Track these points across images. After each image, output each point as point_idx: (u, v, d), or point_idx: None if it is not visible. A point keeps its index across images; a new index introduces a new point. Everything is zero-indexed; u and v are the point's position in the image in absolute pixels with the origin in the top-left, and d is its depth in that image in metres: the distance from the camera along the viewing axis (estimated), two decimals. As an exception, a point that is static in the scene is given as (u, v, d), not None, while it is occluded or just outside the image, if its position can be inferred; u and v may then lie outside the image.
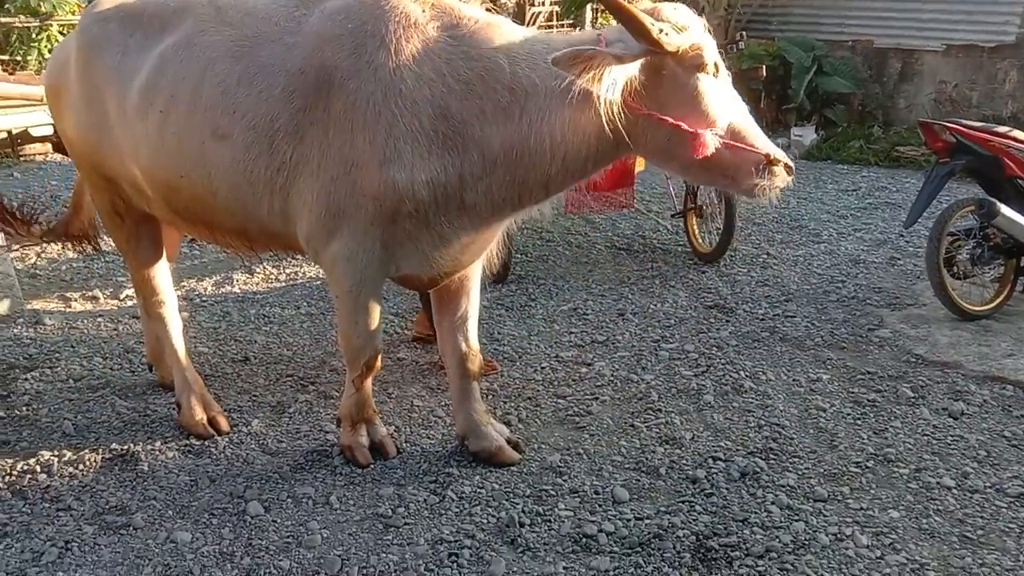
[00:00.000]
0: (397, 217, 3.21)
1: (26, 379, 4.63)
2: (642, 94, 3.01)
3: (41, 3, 11.01)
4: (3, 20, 10.38)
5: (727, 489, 3.55)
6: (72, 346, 5.01)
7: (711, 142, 3.06)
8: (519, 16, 15.57)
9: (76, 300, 5.82)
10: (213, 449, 3.86)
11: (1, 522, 3.36)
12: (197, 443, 3.91)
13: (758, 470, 3.67)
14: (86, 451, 3.85)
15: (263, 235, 3.59)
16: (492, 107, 3.12)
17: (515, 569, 3.09)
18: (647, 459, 3.77)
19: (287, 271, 6.35)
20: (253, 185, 3.34)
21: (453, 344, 3.76)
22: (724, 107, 3.10)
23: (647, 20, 2.85)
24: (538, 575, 3.06)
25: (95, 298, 5.82)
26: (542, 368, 4.70)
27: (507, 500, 3.47)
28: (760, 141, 3.14)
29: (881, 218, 7.64)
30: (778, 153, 3.14)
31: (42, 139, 6.94)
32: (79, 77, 3.68)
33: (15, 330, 5.31)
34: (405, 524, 3.34)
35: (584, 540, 3.23)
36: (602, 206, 6.56)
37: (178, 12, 3.53)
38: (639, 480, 3.63)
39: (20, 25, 10.66)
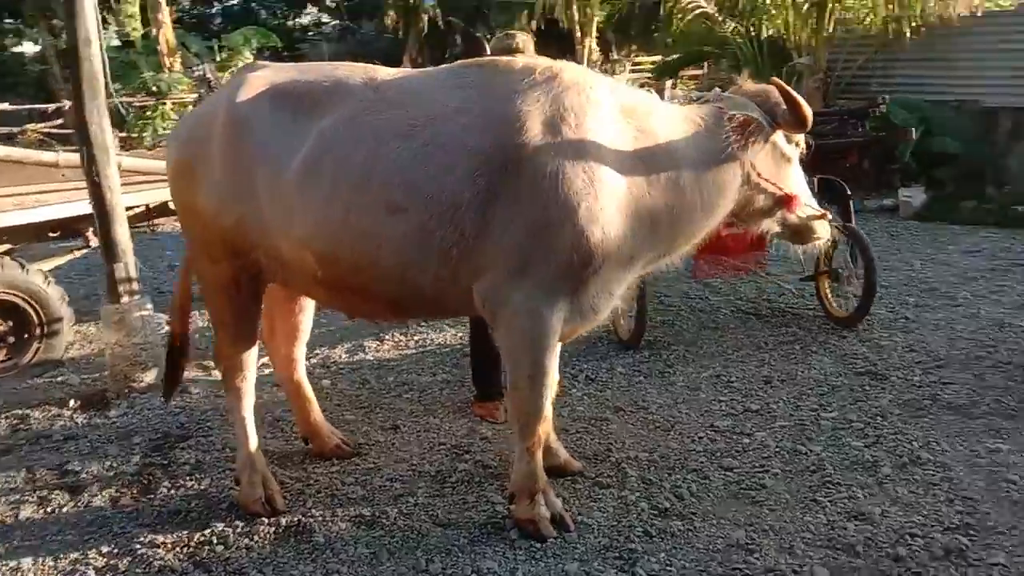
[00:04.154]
0: (583, 273, 3.34)
1: (183, 448, 4.66)
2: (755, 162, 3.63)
3: (157, 84, 11.56)
4: (125, 99, 10.87)
5: (934, 568, 3.33)
6: (221, 415, 5.04)
7: (805, 201, 3.84)
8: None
9: (216, 369, 5.85)
10: (384, 520, 3.79)
11: (188, 596, 3.34)
12: (368, 513, 3.84)
13: (963, 547, 3.43)
14: (258, 522, 3.82)
15: (416, 303, 3.63)
16: (656, 174, 3.45)
17: (728, 654, 2.92)
18: (839, 536, 3.57)
19: (415, 338, 6.35)
20: (424, 255, 3.36)
21: None
22: (802, 175, 3.87)
23: (807, 108, 3.46)
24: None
25: (233, 366, 5.87)
26: (699, 438, 4.54)
27: (700, 578, 3.32)
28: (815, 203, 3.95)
29: (1015, 280, 7.32)
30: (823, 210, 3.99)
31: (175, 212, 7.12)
32: (225, 151, 3.61)
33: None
34: (598, 602, 3.20)
35: (794, 623, 3.05)
36: (734, 272, 6.44)
37: (331, 91, 3.55)
38: (836, 558, 3.43)
39: (139, 104, 11.16)
